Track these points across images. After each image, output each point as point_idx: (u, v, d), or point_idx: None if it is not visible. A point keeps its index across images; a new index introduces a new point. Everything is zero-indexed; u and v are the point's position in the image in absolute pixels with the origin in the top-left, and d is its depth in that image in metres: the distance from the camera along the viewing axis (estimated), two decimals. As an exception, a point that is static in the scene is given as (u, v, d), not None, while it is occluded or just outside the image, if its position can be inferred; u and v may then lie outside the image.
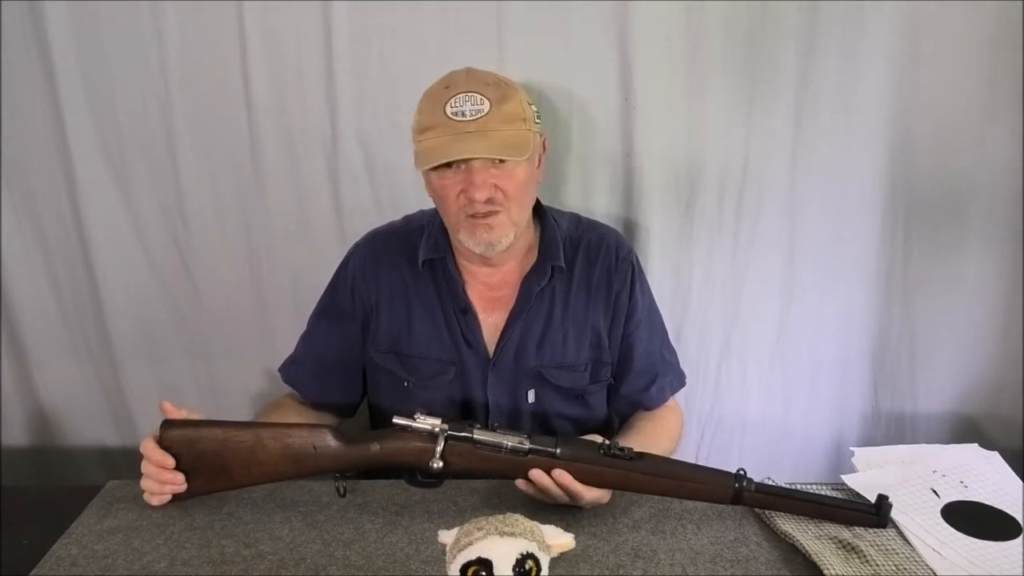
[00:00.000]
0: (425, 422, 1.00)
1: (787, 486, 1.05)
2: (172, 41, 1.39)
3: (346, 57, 1.40)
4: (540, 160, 1.22)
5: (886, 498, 1.02)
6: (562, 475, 1.00)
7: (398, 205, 1.40)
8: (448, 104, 1.11)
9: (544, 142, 1.23)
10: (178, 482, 1.04)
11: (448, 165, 1.12)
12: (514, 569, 0.78)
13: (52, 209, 1.51)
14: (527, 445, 1.00)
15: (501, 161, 1.13)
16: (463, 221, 1.16)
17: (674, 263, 1.53)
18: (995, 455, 1.17)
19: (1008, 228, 1.47)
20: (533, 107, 1.19)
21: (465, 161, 1.12)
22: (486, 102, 1.11)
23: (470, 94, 1.11)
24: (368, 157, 1.47)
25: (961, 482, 1.11)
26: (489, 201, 1.13)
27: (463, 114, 1.10)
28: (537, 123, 1.18)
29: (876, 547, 0.98)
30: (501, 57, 1.39)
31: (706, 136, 1.44)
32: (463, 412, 1.27)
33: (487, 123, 1.10)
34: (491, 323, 1.26)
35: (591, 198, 1.50)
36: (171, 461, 1.03)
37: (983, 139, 1.42)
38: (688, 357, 1.55)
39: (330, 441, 1.03)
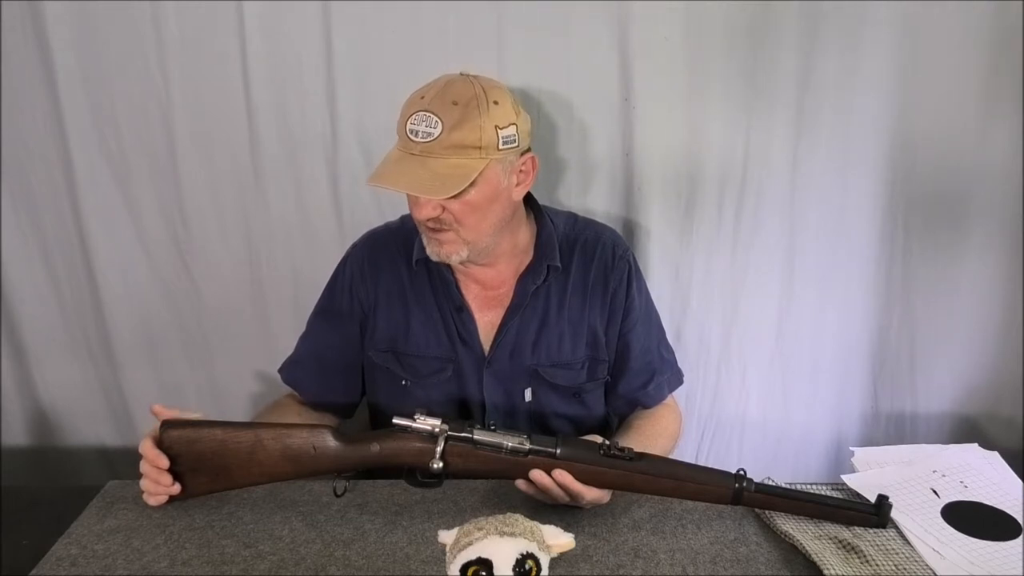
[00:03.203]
0: (425, 422, 1.00)
1: (787, 486, 1.05)
2: (172, 41, 1.39)
3: (346, 57, 1.40)
4: (521, 179, 1.18)
5: (886, 498, 1.02)
6: (563, 475, 1.00)
7: (398, 205, 1.39)
8: (411, 119, 1.10)
9: (531, 160, 1.18)
10: (166, 483, 1.04)
11: None
12: (514, 569, 0.79)
13: (52, 209, 1.51)
14: (527, 445, 1.00)
15: None
16: (422, 229, 1.17)
17: (674, 263, 1.53)
18: (995, 455, 1.17)
19: (1008, 228, 1.47)
20: (510, 128, 1.12)
21: None
22: (439, 125, 1.08)
23: (428, 114, 1.09)
24: (368, 157, 1.46)
25: (961, 482, 1.11)
26: (436, 220, 1.13)
27: (416, 134, 1.09)
28: (507, 147, 1.12)
29: (876, 547, 0.98)
30: (501, 57, 1.39)
31: (706, 136, 1.44)
32: (460, 410, 1.28)
33: (432, 148, 1.08)
34: (487, 321, 1.27)
35: (591, 198, 1.50)
36: (165, 461, 1.03)
37: (983, 139, 1.42)
38: (688, 357, 1.55)
39: (330, 441, 1.03)
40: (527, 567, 0.80)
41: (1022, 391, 1.54)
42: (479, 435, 1.00)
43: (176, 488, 1.05)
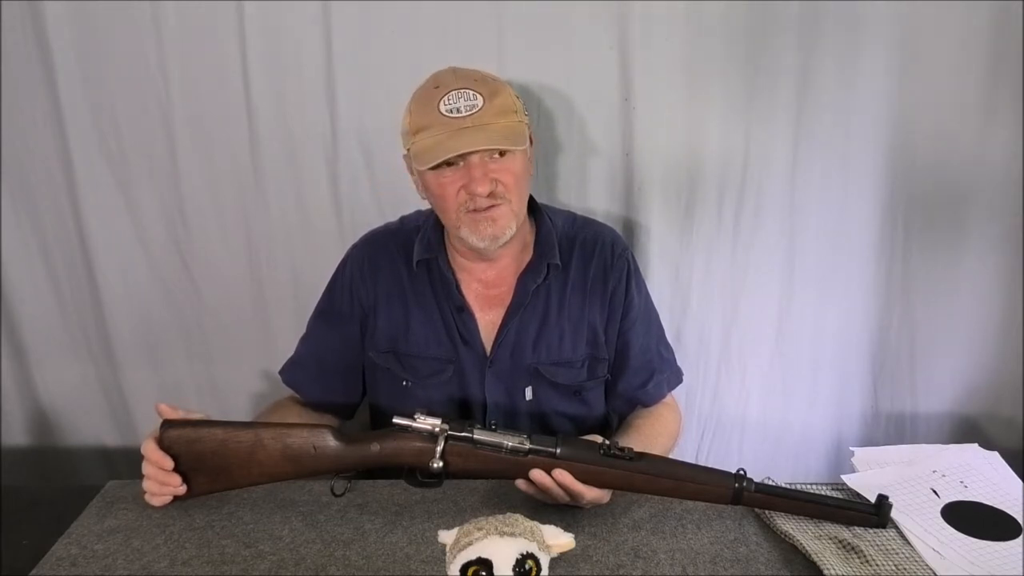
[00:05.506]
0: (425, 422, 1.00)
1: (787, 486, 1.05)
2: (172, 41, 1.40)
3: (346, 57, 1.40)
4: (530, 153, 1.23)
5: (886, 498, 1.02)
6: (563, 475, 0.99)
7: (398, 205, 1.41)
8: (441, 102, 1.11)
9: (530, 135, 1.23)
10: (175, 483, 1.04)
11: (447, 163, 1.13)
12: (514, 569, 0.79)
13: (52, 209, 1.51)
14: (527, 445, 1.00)
15: (500, 154, 1.14)
16: (464, 217, 1.16)
17: (674, 263, 1.53)
18: (995, 455, 1.17)
19: (1008, 228, 1.47)
20: (521, 100, 1.19)
21: (464, 157, 1.12)
22: (479, 97, 1.12)
23: (462, 91, 1.12)
24: (368, 157, 1.47)
25: (961, 482, 1.11)
26: (491, 195, 1.14)
27: (458, 110, 1.11)
28: (526, 115, 1.19)
29: (876, 547, 0.98)
30: (501, 57, 1.39)
31: (706, 136, 1.44)
32: (461, 410, 1.28)
33: (482, 117, 1.11)
34: (488, 321, 1.27)
35: (591, 198, 1.50)
36: (169, 463, 1.03)
37: (983, 139, 1.42)
38: (688, 357, 1.55)
39: (330, 441, 1.03)
40: (527, 567, 0.80)
41: (1022, 391, 1.54)
42: (479, 435, 1.00)
43: (183, 488, 1.05)
